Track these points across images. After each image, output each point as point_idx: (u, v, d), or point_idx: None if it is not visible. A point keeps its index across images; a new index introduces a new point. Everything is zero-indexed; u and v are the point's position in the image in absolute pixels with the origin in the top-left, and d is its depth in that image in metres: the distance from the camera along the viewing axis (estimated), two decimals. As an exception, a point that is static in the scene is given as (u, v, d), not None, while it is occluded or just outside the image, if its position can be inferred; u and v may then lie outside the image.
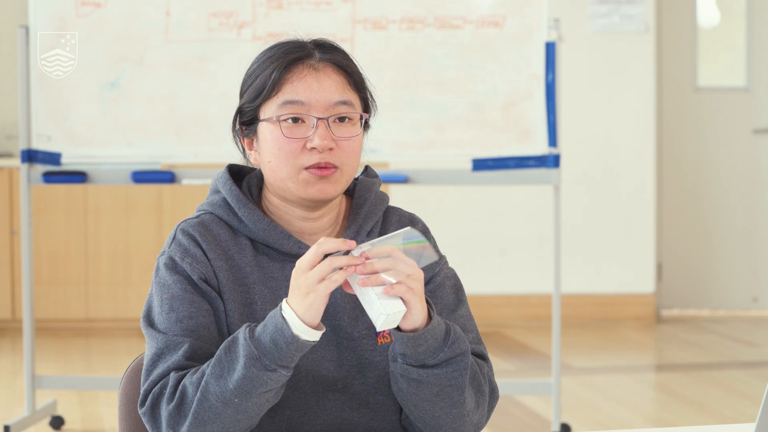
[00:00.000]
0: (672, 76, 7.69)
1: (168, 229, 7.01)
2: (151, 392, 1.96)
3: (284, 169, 2.03)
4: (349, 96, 2.05)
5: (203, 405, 1.90)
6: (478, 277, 7.26)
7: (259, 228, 2.06)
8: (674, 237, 7.75)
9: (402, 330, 1.93)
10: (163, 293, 2.01)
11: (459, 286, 2.13)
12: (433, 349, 1.94)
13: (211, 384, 1.89)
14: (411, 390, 1.98)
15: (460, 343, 1.97)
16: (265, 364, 1.88)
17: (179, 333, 1.97)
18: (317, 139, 2.01)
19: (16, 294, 6.96)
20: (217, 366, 1.90)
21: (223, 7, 4.74)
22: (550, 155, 4.78)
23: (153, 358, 1.98)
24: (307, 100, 2.02)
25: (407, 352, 1.94)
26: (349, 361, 2.04)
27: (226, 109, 4.68)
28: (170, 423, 1.92)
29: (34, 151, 4.77)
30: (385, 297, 1.86)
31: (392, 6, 4.77)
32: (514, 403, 5.37)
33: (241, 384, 1.88)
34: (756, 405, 5.33)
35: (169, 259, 2.03)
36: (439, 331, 1.94)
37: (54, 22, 4.71)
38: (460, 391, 1.97)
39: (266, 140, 2.04)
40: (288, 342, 1.87)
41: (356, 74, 2.07)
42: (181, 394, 1.92)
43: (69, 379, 5.36)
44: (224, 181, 2.10)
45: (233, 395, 1.89)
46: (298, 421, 2.03)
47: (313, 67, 2.04)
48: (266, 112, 2.05)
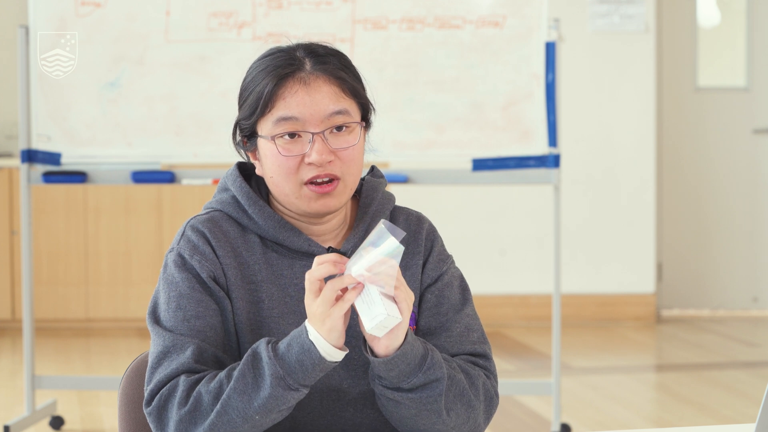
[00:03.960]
0: (672, 76, 7.68)
1: (168, 229, 7.01)
2: (159, 393, 1.95)
3: (286, 186, 2.02)
4: (343, 104, 2.02)
5: (222, 418, 1.90)
6: (478, 277, 7.26)
7: (269, 225, 2.05)
8: (674, 237, 7.75)
9: (375, 355, 1.93)
10: (171, 290, 2.01)
11: (465, 286, 2.14)
12: (405, 373, 1.94)
13: (234, 399, 1.89)
14: (391, 408, 1.99)
15: (436, 369, 1.96)
16: (288, 384, 1.89)
17: (185, 332, 1.97)
18: (315, 155, 2.00)
19: (16, 294, 6.96)
20: (241, 381, 1.90)
21: (223, 7, 4.73)
22: (550, 155, 4.78)
23: (159, 356, 1.97)
24: (300, 116, 2.00)
25: (381, 374, 1.95)
26: (356, 360, 2.04)
27: (226, 109, 4.70)
28: (180, 427, 1.92)
29: (34, 151, 4.77)
30: (386, 300, 1.87)
31: (392, 6, 4.77)
32: (514, 403, 5.37)
33: (266, 403, 1.89)
34: (756, 405, 5.32)
35: (177, 256, 2.03)
36: (413, 356, 1.94)
37: (54, 22, 4.71)
38: (437, 414, 1.98)
39: (266, 156, 2.04)
40: (315, 363, 1.88)
41: (349, 81, 2.04)
42: (196, 401, 1.92)
43: (69, 379, 5.35)
44: (234, 179, 2.10)
45: (255, 413, 1.90)
46: (302, 421, 2.03)
47: (304, 81, 2.01)
48: (263, 128, 2.03)
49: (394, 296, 1.87)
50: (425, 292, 2.10)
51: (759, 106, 7.75)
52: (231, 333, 2.02)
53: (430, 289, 2.11)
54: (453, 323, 2.08)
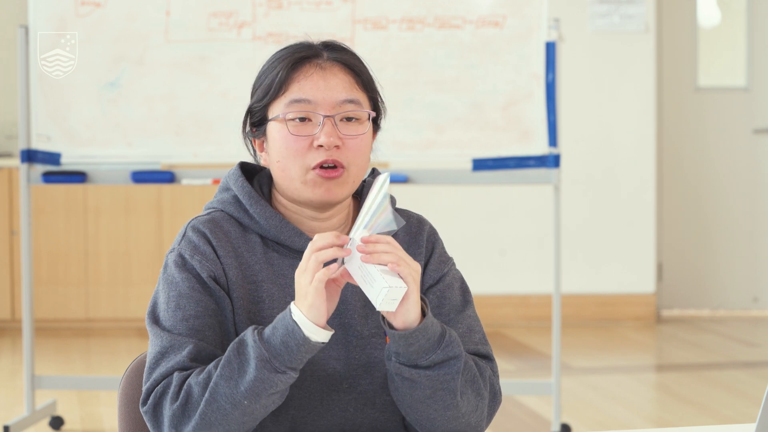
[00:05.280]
0: (672, 76, 7.69)
1: (168, 229, 7.02)
2: (153, 391, 1.95)
3: (292, 169, 2.03)
4: (356, 95, 2.06)
5: (212, 406, 1.90)
6: (478, 277, 7.26)
7: (270, 224, 2.06)
8: (674, 237, 7.75)
9: (394, 328, 1.93)
10: (171, 290, 2.01)
11: (466, 288, 2.14)
12: (425, 349, 1.94)
13: (221, 386, 1.89)
14: (405, 389, 1.98)
15: (454, 347, 1.97)
16: (275, 366, 1.88)
17: (184, 332, 1.97)
18: (324, 137, 2.02)
19: (16, 294, 6.96)
20: (227, 368, 1.90)
21: (223, 7, 4.73)
22: (550, 155, 4.78)
23: (156, 356, 1.97)
24: (313, 99, 2.03)
25: (400, 350, 1.94)
26: (357, 360, 2.04)
27: (226, 109, 4.71)
28: (173, 423, 1.92)
29: (33, 151, 4.77)
30: (388, 273, 1.87)
31: (392, 6, 4.77)
32: (514, 403, 5.37)
33: (252, 386, 1.88)
34: (756, 405, 5.32)
35: (178, 257, 2.03)
36: (432, 332, 1.94)
37: (54, 22, 4.71)
38: (452, 394, 1.97)
39: (274, 140, 2.05)
40: (299, 344, 1.88)
41: (364, 74, 2.09)
42: (186, 394, 1.92)
43: (69, 379, 5.35)
44: (236, 178, 2.11)
45: (243, 397, 1.89)
46: (302, 420, 2.03)
47: (320, 66, 2.05)
48: (274, 111, 2.05)
49: (398, 272, 1.88)
50: (427, 294, 2.10)
51: (759, 106, 7.75)
52: (231, 333, 2.02)
53: (431, 290, 2.11)
54: (455, 324, 2.08)
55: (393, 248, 1.89)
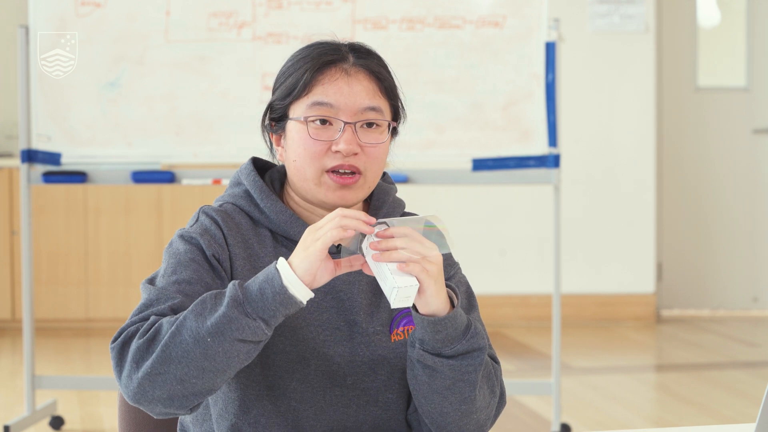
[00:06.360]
0: (672, 76, 7.69)
1: (168, 229, 7.02)
2: (126, 330, 1.91)
3: (308, 171, 2.03)
4: (378, 102, 2.06)
5: (174, 339, 1.85)
6: (478, 277, 7.26)
7: (281, 219, 2.06)
8: (674, 237, 7.75)
9: (420, 313, 1.93)
10: (171, 259, 2.01)
11: (471, 293, 2.14)
12: (451, 338, 1.94)
13: (189, 320, 1.86)
14: (425, 378, 1.98)
15: (479, 338, 1.98)
16: (246, 311, 1.85)
17: (174, 291, 1.95)
18: (343, 143, 2.02)
19: (16, 294, 6.96)
20: (199, 305, 1.87)
21: (223, 7, 4.73)
22: (550, 155, 4.78)
23: (140, 307, 1.95)
24: (336, 103, 2.03)
25: (425, 337, 1.94)
26: (362, 357, 2.04)
27: (226, 109, 4.71)
28: (135, 357, 1.87)
29: (34, 151, 4.77)
30: (399, 273, 1.87)
31: (392, 6, 4.77)
32: (514, 403, 5.37)
33: (218, 322, 1.85)
34: (756, 405, 5.33)
35: (186, 233, 2.03)
36: (460, 322, 1.95)
37: (54, 22, 4.71)
38: (471, 387, 1.98)
39: (293, 139, 2.05)
40: (275, 292, 1.85)
41: (388, 81, 2.09)
42: (156, 331, 1.88)
43: (69, 379, 5.35)
44: (248, 173, 2.11)
45: (207, 334, 1.84)
46: (304, 414, 2.03)
47: (346, 71, 2.05)
48: (295, 111, 2.05)
49: (408, 272, 1.87)
50: None
51: (759, 106, 7.75)
52: None
53: None
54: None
55: (409, 242, 1.88)
